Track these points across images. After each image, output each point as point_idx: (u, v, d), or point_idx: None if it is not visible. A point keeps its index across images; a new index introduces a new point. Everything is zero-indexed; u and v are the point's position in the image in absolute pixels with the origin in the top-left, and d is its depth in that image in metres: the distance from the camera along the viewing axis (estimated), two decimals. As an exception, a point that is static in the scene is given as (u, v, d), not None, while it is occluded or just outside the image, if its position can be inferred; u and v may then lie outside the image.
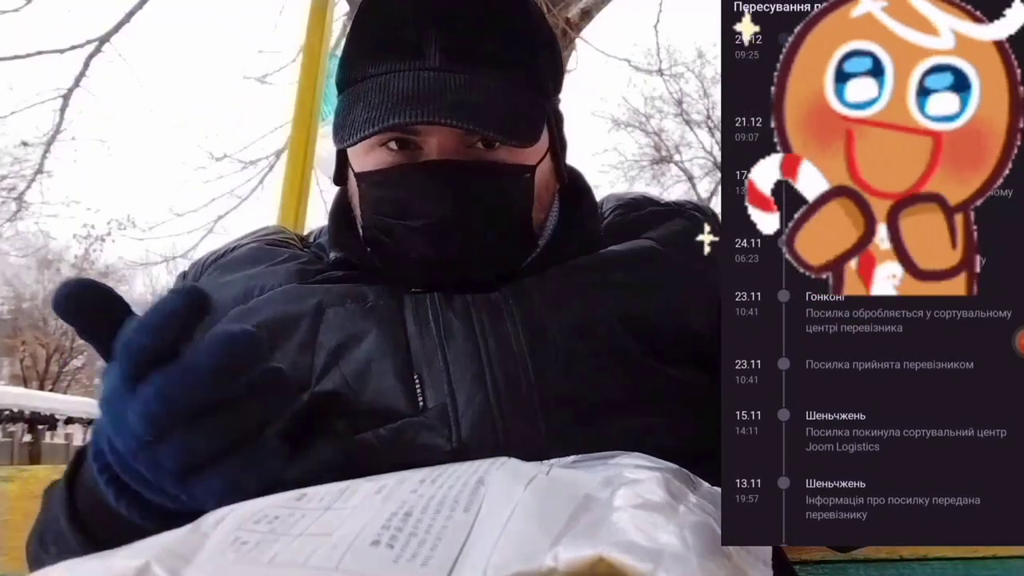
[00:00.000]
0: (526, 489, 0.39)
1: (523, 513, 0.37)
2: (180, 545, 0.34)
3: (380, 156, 0.79)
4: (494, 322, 0.73)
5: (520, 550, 0.34)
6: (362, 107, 0.76)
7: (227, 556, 0.33)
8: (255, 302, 0.78)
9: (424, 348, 0.72)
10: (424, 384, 0.70)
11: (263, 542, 0.34)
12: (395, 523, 0.35)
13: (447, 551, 0.34)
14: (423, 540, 0.34)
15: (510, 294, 0.75)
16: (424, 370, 0.71)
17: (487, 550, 0.33)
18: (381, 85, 0.76)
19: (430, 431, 0.68)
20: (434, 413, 0.69)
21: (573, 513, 0.37)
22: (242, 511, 0.37)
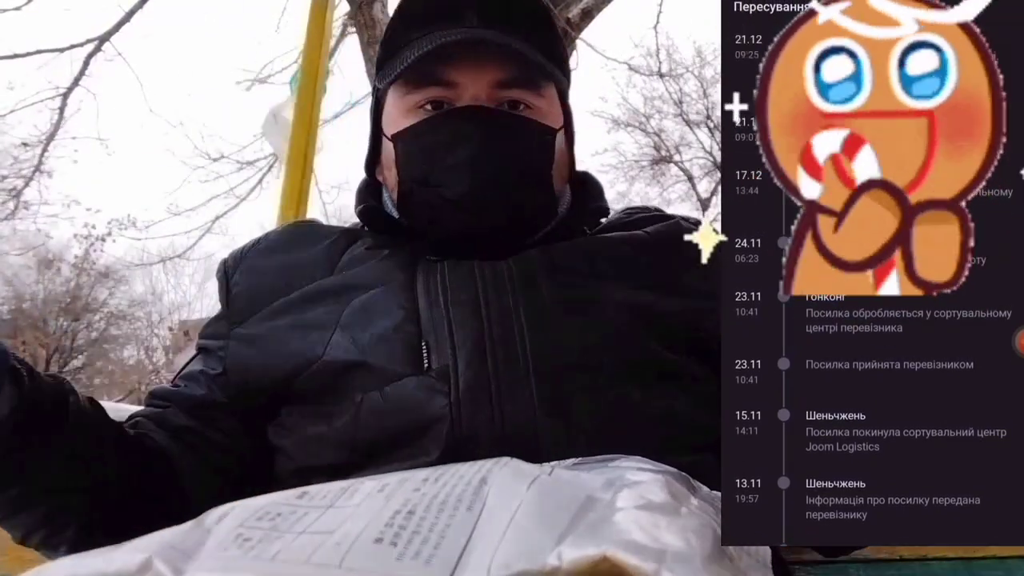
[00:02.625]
0: (529, 489, 0.39)
1: (526, 512, 0.37)
2: (183, 541, 0.34)
3: (417, 116, 0.87)
4: (498, 294, 0.79)
5: (524, 548, 0.34)
6: (408, 52, 0.85)
7: (230, 552, 0.33)
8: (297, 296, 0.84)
9: (432, 318, 0.78)
10: (431, 349, 0.76)
11: (266, 539, 0.34)
12: (398, 521, 0.35)
13: (450, 549, 0.34)
14: (426, 538, 0.34)
15: (515, 269, 0.81)
16: (431, 337, 0.77)
17: (491, 548, 0.34)
18: (427, 39, 0.85)
19: (431, 389, 0.74)
20: (437, 372, 0.74)
21: (576, 513, 0.37)
22: (245, 508, 0.37)
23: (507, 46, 0.84)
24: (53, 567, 0.33)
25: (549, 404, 0.72)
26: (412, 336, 0.77)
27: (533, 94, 0.88)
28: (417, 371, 0.75)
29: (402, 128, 0.88)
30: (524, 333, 0.76)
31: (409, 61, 0.84)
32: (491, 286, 0.80)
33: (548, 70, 0.87)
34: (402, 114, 0.88)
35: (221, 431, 0.83)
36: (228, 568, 0.32)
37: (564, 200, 0.93)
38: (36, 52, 7.59)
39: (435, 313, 0.78)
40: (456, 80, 0.85)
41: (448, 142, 0.84)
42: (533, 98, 0.88)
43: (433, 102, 0.87)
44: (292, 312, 0.84)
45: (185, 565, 0.32)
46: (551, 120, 0.89)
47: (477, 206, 0.84)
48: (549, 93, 0.90)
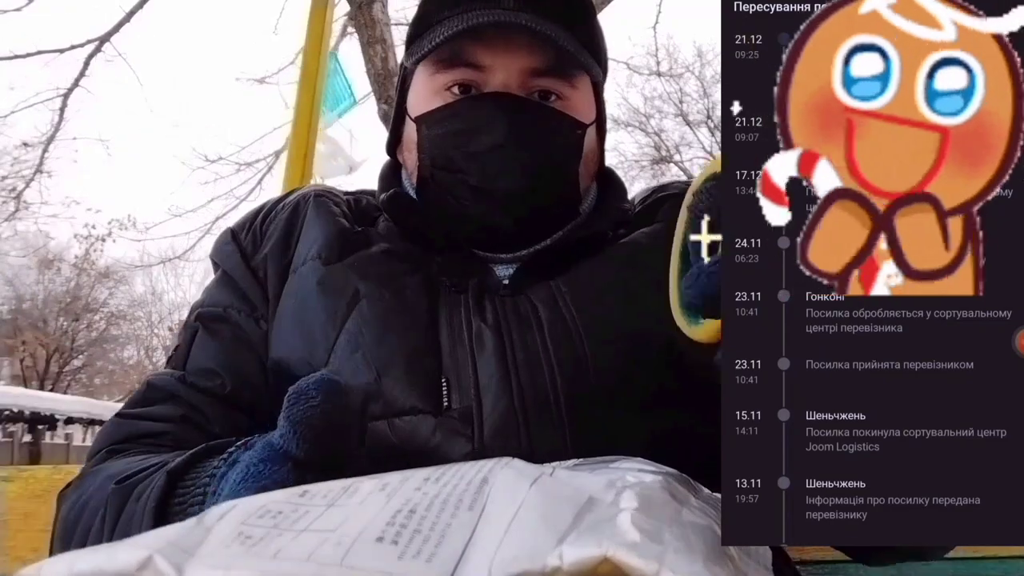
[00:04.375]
0: (531, 488, 0.39)
1: (528, 512, 0.37)
2: (184, 538, 0.34)
3: (443, 99, 0.84)
4: (522, 331, 0.75)
5: (525, 548, 0.34)
6: (439, 30, 0.82)
7: (231, 549, 0.33)
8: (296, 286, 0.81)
9: (454, 356, 0.74)
10: (451, 388, 0.73)
11: (267, 537, 0.34)
12: (399, 520, 0.35)
13: (452, 548, 0.34)
14: (427, 537, 0.34)
15: (539, 300, 0.78)
16: (452, 376, 0.73)
17: (492, 548, 0.34)
18: (460, 19, 0.81)
19: (452, 432, 0.70)
20: (458, 413, 0.71)
21: (578, 513, 0.37)
22: (246, 506, 0.37)
23: (542, 32, 0.80)
24: (53, 562, 0.33)
25: (583, 442, 0.69)
26: (432, 370, 0.73)
27: (566, 84, 0.84)
28: (434, 410, 0.71)
29: (427, 110, 0.85)
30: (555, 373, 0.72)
31: (439, 39, 0.81)
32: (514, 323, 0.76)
33: (583, 60, 0.84)
34: (428, 95, 0.85)
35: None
36: (230, 566, 0.32)
37: (589, 198, 0.91)
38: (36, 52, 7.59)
39: (459, 352, 0.75)
40: (486, 63, 0.82)
41: (474, 129, 0.81)
42: (566, 88, 0.84)
43: (461, 85, 0.83)
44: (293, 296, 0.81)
45: (186, 562, 0.32)
46: (583, 114, 0.86)
47: (500, 196, 0.81)
48: (583, 84, 0.86)
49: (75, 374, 21.16)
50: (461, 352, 0.74)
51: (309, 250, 0.83)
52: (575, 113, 0.85)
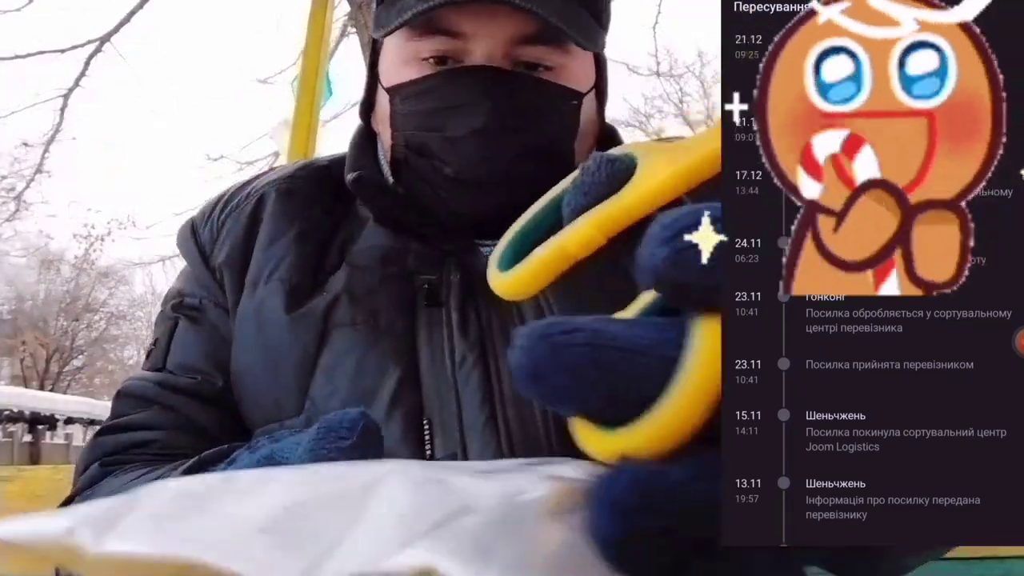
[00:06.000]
0: (416, 490, 0.39)
1: (398, 513, 0.37)
2: (110, 511, 0.34)
3: (419, 69, 0.73)
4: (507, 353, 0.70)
5: (372, 549, 0.34)
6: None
7: (145, 527, 0.34)
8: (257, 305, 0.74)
9: (437, 390, 0.68)
10: (434, 429, 0.67)
11: (180, 518, 0.34)
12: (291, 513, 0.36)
13: (322, 545, 0.34)
14: (313, 532, 0.35)
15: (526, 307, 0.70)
16: (435, 415, 0.67)
17: (353, 547, 0.34)
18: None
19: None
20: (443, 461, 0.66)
21: (440, 520, 0.36)
22: (175, 486, 0.38)
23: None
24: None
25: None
26: (412, 408, 0.67)
27: (559, 51, 0.72)
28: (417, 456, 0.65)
29: (400, 82, 0.73)
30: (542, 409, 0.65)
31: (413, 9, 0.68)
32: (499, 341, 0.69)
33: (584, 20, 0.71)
34: (400, 64, 0.74)
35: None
36: (139, 542, 0.33)
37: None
38: (37, 53, 7.61)
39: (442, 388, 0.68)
40: (466, 31, 0.70)
41: (451, 107, 0.70)
42: (559, 56, 0.73)
43: (437, 57, 0.72)
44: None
45: (105, 535, 0.33)
46: (579, 81, 0.75)
47: (481, 184, 0.72)
48: (578, 48, 0.74)
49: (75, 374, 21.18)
50: (444, 387, 0.68)
51: (273, 266, 0.75)
52: (569, 82, 0.74)
